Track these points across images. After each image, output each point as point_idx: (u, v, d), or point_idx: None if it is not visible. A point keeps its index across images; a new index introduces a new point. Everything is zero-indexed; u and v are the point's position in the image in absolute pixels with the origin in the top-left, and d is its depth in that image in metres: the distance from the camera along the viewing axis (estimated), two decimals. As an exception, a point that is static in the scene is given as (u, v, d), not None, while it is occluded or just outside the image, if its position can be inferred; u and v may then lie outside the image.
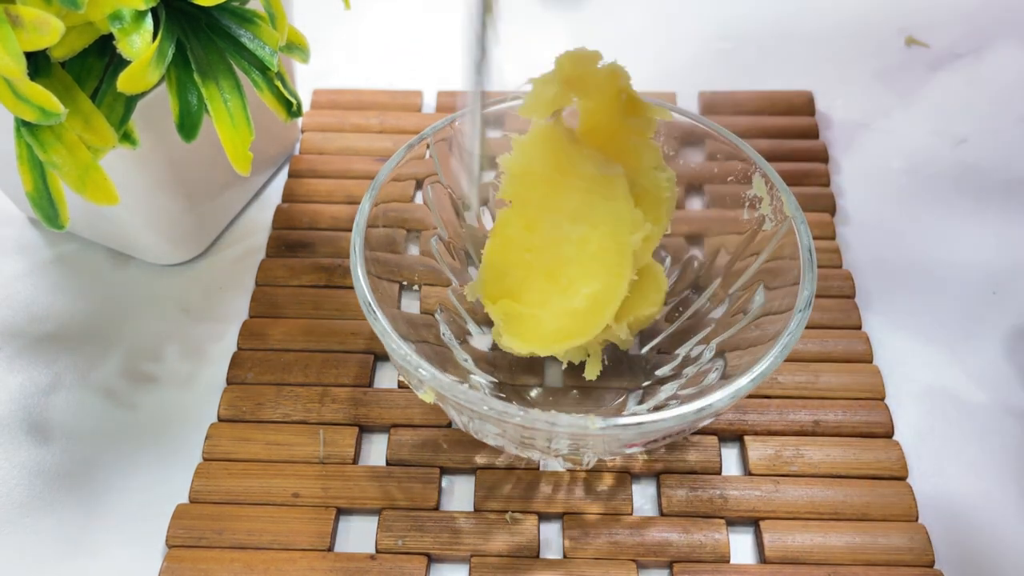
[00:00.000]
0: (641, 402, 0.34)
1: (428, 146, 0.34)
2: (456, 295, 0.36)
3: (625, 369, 0.36)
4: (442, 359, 0.34)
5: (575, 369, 0.35)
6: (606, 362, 0.35)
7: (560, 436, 0.28)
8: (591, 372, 0.34)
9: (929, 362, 0.38)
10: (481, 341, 0.37)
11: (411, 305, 0.37)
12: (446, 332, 0.35)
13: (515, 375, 0.36)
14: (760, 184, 0.33)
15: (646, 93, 0.37)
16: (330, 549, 0.33)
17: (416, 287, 0.37)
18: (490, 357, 0.36)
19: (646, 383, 0.35)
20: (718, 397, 0.27)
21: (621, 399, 0.35)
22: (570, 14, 0.53)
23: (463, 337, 0.36)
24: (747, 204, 0.34)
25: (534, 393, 0.36)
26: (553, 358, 0.34)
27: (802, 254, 0.31)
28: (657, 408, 0.32)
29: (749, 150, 0.34)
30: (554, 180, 0.32)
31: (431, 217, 0.36)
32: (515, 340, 0.32)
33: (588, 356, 0.34)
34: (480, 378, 0.35)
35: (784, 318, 0.30)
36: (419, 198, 0.37)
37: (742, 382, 0.27)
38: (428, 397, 0.30)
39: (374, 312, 0.29)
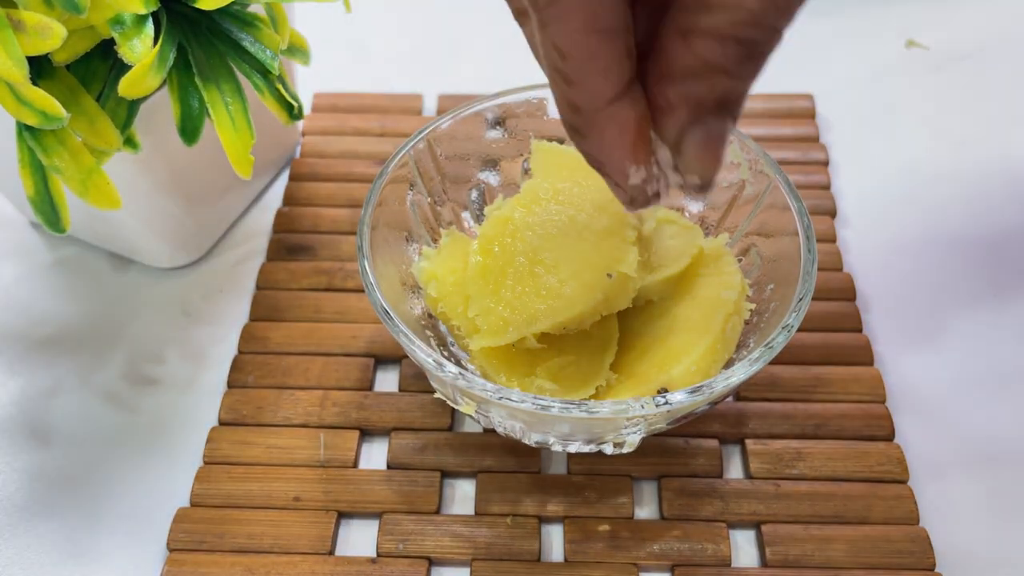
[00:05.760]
0: None
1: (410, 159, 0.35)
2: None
3: None
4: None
5: None
6: None
7: (628, 424, 0.28)
8: None
9: (930, 364, 0.38)
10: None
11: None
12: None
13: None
14: (736, 152, 0.35)
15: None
16: (331, 553, 0.33)
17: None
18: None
19: None
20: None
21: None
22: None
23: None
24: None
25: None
26: None
27: (792, 204, 0.33)
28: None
29: None
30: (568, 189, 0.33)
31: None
32: (492, 336, 0.32)
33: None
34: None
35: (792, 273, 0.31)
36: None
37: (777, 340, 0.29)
38: (468, 409, 0.30)
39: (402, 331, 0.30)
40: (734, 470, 0.35)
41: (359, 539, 0.33)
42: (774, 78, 0.50)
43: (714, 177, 0.23)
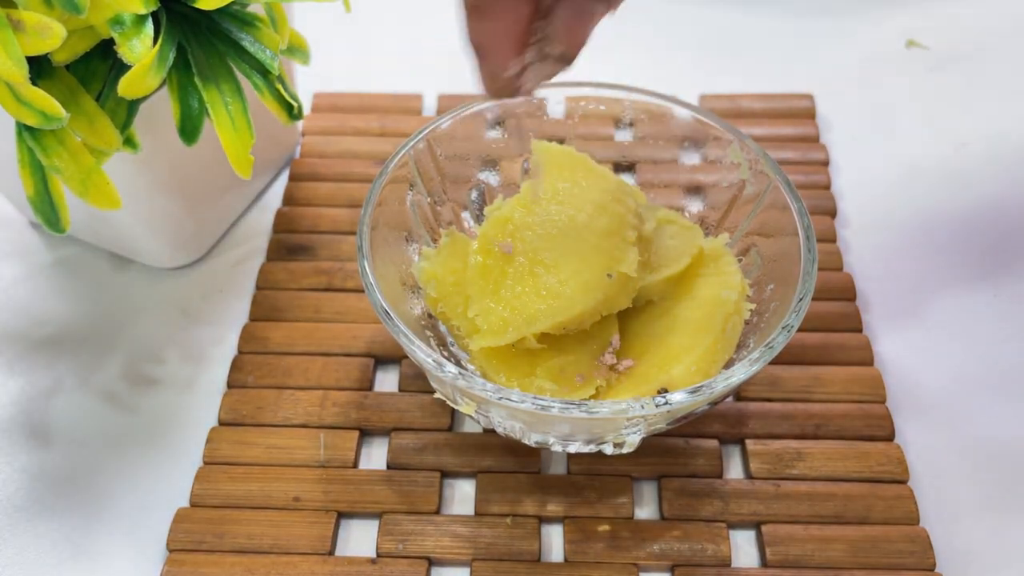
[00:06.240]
0: None
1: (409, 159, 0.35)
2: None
3: None
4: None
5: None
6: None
7: (628, 424, 0.29)
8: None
9: (930, 364, 0.38)
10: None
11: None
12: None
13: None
14: (736, 152, 0.35)
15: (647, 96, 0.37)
16: (331, 553, 0.33)
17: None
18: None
19: None
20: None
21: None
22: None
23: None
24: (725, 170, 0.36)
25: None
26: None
27: (792, 204, 0.33)
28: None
29: (717, 120, 0.36)
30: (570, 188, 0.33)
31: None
32: (493, 335, 0.32)
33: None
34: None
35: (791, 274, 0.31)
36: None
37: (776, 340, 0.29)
38: (468, 409, 0.30)
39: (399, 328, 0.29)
40: (734, 470, 0.35)
41: (359, 539, 0.33)
42: (774, 78, 0.50)
43: (577, 53, 0.24)
